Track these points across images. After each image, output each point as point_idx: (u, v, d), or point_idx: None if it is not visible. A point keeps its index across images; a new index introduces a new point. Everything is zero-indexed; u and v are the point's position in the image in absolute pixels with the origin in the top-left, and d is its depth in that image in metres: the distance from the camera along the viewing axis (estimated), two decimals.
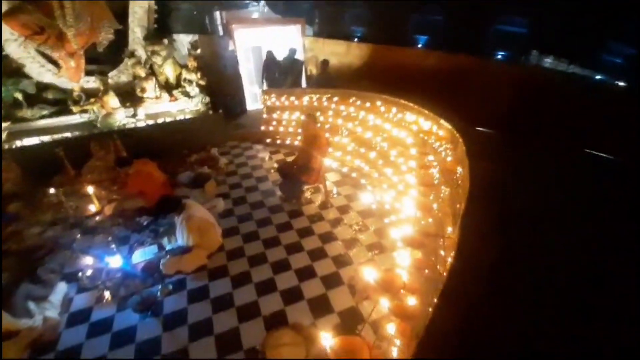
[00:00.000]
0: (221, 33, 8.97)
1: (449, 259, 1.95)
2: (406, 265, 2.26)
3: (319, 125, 5.55)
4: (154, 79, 7.01)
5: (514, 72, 6.61)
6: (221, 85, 7.73)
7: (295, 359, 2.69)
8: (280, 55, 7.39)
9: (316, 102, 6.25)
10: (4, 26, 5.87)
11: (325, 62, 7.07)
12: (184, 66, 7.30)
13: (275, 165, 5.43)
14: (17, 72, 6.33)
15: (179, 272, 3.68)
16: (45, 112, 6.45)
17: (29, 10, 5.81)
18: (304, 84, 7.89)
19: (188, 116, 6.78)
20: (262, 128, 6.87)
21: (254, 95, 8.54)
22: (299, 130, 6.10)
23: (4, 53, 6.14)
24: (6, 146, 5.62)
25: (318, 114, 5.89)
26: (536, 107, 5.55)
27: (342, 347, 1.45)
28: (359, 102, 5.59)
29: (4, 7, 5.71)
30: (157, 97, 6.94)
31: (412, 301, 2.00)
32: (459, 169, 2.94)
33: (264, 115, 6.90)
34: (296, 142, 6.38)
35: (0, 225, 4.23)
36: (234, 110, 7.78)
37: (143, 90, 6.88)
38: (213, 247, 3.95)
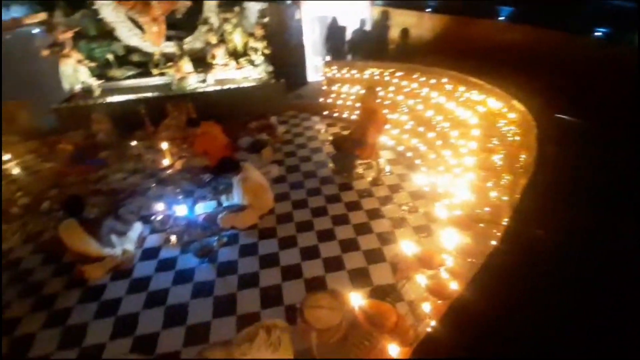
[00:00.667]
0: (289, 1, 8.95)
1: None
2: (452, 247, 2.19)
3: (378, 100, 5.40)
4: (223, 46, 7.34)
5: (615, 53, 5.63)
6: (284, 55, 7.81)
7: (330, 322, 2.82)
8: (347, 25, 7.18)
9: (378, 77, 6.05)
10: None
11: (404, 32, 6.66)
12: (251, 34, 7.49)
13: (330, 138, 5.46)
14: (110, 35, 7.08)
15: (233, 227, 4.01)
16: (130, 73, 7.20)
17: None
18: (370, 56, 7.63)
19: (251, 84, 7.04)
20: (321, 100, 6.89)
21: (315, 66, 8.52)
22: (358, 105, 6.01)
23: (99, 17, 6.88)
24: (99, 101, 6.42)
25: (379, 89, 5.71)
26: None
27: (371, 308, 1.48)
28: (423, 79, 5.29)
29: None
30: (225, 64, 7.29)
31: (453, 285, 1.95)
32: (523, 156, 2.69)
33: (324, 87, 6.89)
34: (353, 117, 6.31)
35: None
36: (295, 81, 7.87)
37: (213, 56, 7.26)
38: (265, 208, 4.20)
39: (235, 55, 7.53)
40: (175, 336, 2.93)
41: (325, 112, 6.85)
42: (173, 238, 3.96)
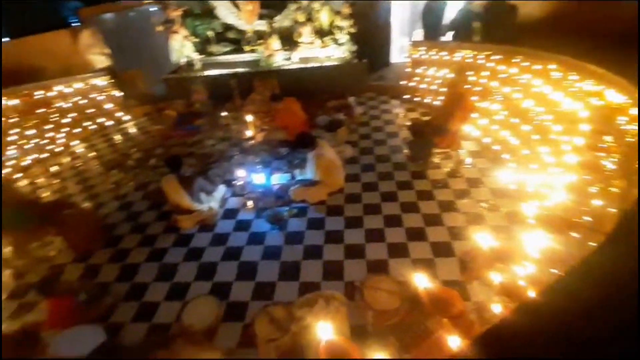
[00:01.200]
0: None
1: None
2: (535, 252, 1.97)
3: (467, 86, 4.97)
4: (310, 24, 7.46)
5: None
6: (369, 34, 7.60)
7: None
8: (449, 2, 6.57)
9: (471, 59, 5.53)
10: None
11: (512, 10, 5.91)
12: (338, 13, 7.44)
13: (409, 123, 5.25)
14: (211, 13, 7.73)
15: (304, 201, 4.22)
16: (226, 49, 7.82)
17: None
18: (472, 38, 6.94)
19: (334, 63, 7.07)
20: (403, 83, 6.61)
21: (400, 47, 8.13)
22: (443, 89, 5.62)
23: None
24: (199, 74, 7.16)
25: (470, 73, 5.24)
26: None
27: (437, 293, 1.44)
28: (526, 64, 4.66)
29: None
30: (310, 43, 7.42)
31: (531, 293, 1.77)
32: None
33: (408, 69, 6.57)
34: (436, 102, 5.93)
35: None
36: (377, 61, 7.65)
37: (299, 35, 7.44)
38: (335, 186, 4.30)
39: (320, 33, 7.60)
40: (245, 289, 3.27)
41: (406, 96, 6.56)
42: (250, 203, 4.33)
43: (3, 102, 5.71)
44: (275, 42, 7.28)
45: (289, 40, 7.58)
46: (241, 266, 3.52)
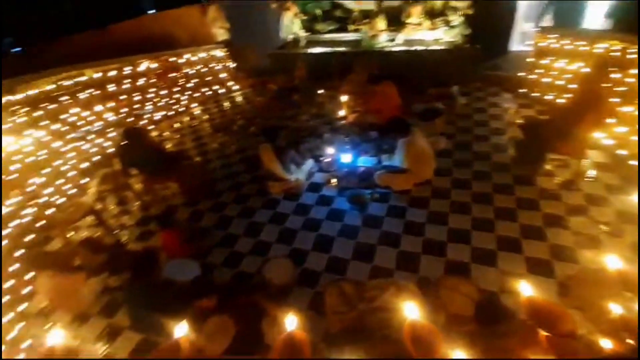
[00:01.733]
0: None
1: None
2: None
3: (607, 84, 4.10)
4: (421, 4, 7.01)
5: None
6: (488, 17, 6.79)
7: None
8: None
9: (618, 53, 4.53)
10: None
11: None
12: None
13: (520, 121, 4.63)
14: None
15: (387, 187, 4.16)
16: (331, 27, 7.92)
17: None
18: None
19: (442, 47, 6.57)
20: (521, 74, 5.81)
21: (522, 33, 7.08)
22: (573, 87, 4.77)
23: None
24: (303, 51, 7.45)
25: (614, 69, 4.31)
26: None
27: (545, 304, 1.27)
28: None
29: None
30: (418, 24, 7.01)
31: None
32: None
33: (530, 60, 5.73)
34: (560, 101, 5.08)
35: None
36: (493, 48, 6.83)
37: (408, 15, 7.07)
38: (422, 177, 4.12)
39: (431, 15, 7.10)
40: (320, 259, 3.44)
41: (522, 90, 5.77)
42: (334, 180, 4.45)
43: (148, 64, 6.85)
44: (381, 22, 7.07)
45: (395, 20, 7.28)
46: (318, 238, 3.69)
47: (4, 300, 3.24)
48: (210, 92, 7.50)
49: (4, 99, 5.08)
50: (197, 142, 5.99)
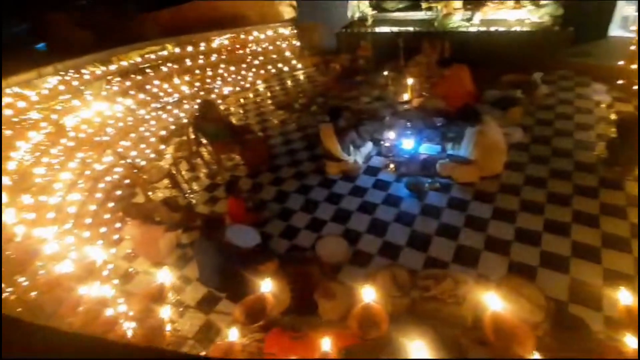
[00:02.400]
0: None
1: None
2: None
3: None
4: None
5: None
6: None
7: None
8: None
9: None
10: None
11: None
12: None
13: (615, 117, 4.06)
14: None
15: (450, 177, 3.98)
16: (400, 6, 7.53)
17: None
18: None
19: (526, 29, 5.92)
20: (620, 63, 5.03)
21: (623, 18, 6.05)
22: None
23: None
24: (369, 30, 7.22)
25: None
26: None
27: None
28: None
29: None
30: (501, 2, 6.36)
31: None
32: None
33: (633, 47, 4.92)
34: None
35: None
36: (587, 32, 5.97)
37: None
38: (490, 171, 3.87)
39: None
40: (373, 242, 3.46)
41: (620, 81, 5.01)
42: (392, 166, 4.37)
43: (220, 41, 7.20)
44: (457, 0, 6.55)
45: None
46: (373, 221, 3.70)
47: (98, 243, 3.79)
48: (274, 70, 7.69)
49: (102, 69, 5.74)
50: (260, 117, 6.24)
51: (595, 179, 3.63)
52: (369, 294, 1.23)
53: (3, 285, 1.84)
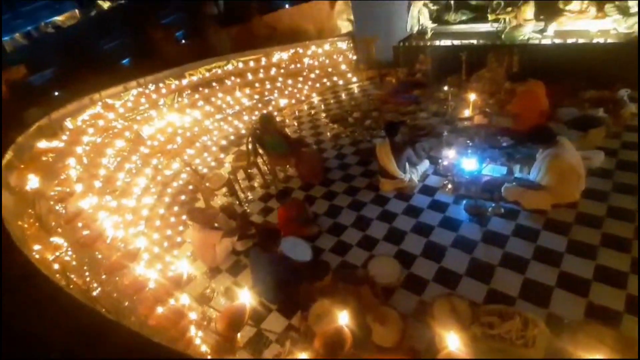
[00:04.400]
0: None
1: None
2: None
3: None
4: None
5: None
6: None
7: None
8: None
9: None
10: None
11: None
12: None
13: None
14: None
15: (516, 203, 3.68)
16: (464, 18, 7.26)
17: None
18: None
19: (610, 40, 5.33)
20: None
21: None
22: None
23: None
24: (429, 43, 7.05)
25: None
26: None
27: None
28: None
29: None
30: (580, 11, 5.82)
31: None
32: None
33: None
34: None
35: None
36: None
37: (568, 1, 5.93)
38: (565, 198, 3.50)
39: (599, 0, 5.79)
40: (429, 267, 3.30)
41: None
42: (450, 186, 4.16)
43: (280, 55, 7.54)
44: (529, 10, 6.13)
45: (548, 7, 6.21)
46: (429, 244, 3.54)
47: (164, 244, 4.11)
48: (329, 83, 7.82)
49: (175, 83, 6.33)
50: (314, 130, 6.37)
51: None
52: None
53: (93, 282, 2.09)
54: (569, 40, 5.62)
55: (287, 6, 10.32)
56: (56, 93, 7.33)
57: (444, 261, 3.33)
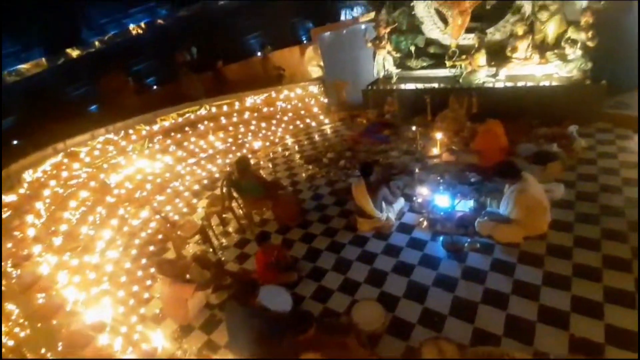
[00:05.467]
0: None
1: None
2: None
3: None
4: (529, 37, 6.51)
5: None
6: (614, 49, 5.94)
7: None
8: None
9: None
10: None
11: None
12: (572, 23, 6.15)
13: None
14: (416, 29, 7.93)
15: (490, 237, 3.77)
16: (424, 64, 7.86)
17: None
18: None
19: (555, 83, 5.94)
20: None
21: None
22: None
23: (412, 13, 7.80)
24: (394, 87, 7.52)
25: None
26: None
27: None
28: None
29: None
30: (525, 59, 6.50)
31: None
32: None
33: None
34: None
35: None
36: (620, 83, 5.91)
37: (514, 49, 6.62)
38: (534, 231, 3.64)
39: (541, 48, 6.53)
40: (412, 309, 3.23)
41: None
42: (426, 223, 4.22)
43: (254, 99, 7.73)
44: (481, 58, 6.77)
45: (497, 55, 6.89)
46: (411, 284, 3.50)
47: (130, 302, 3.77)
48: (302, 125, 8.03)
49: (146, 128, 6.23)
50: (289, 172, 6.39)
51: None
52: None
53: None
54: (519, 83, 6.20)
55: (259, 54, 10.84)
56: (15, 142, 6.96)
57: (427, 302, 3.27)
